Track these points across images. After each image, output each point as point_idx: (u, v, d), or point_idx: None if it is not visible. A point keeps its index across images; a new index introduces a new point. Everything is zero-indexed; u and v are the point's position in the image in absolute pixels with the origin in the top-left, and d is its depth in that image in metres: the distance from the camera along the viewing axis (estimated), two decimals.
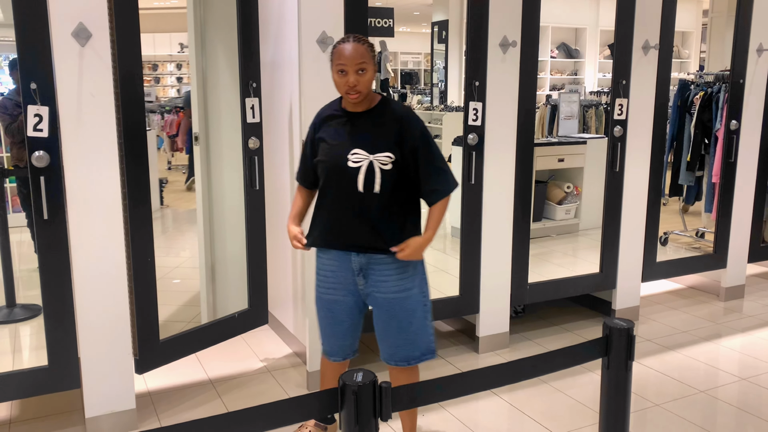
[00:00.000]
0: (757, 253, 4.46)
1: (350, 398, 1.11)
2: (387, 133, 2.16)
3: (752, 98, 4.08)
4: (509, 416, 2.86)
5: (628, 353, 1.40)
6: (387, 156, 2.13)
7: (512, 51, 3.24)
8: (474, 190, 3.30)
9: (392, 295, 2.24)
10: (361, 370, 1.16)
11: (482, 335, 3.45)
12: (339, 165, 2.17)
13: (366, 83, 2.12)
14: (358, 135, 2.17)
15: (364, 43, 2.14)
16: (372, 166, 2.13)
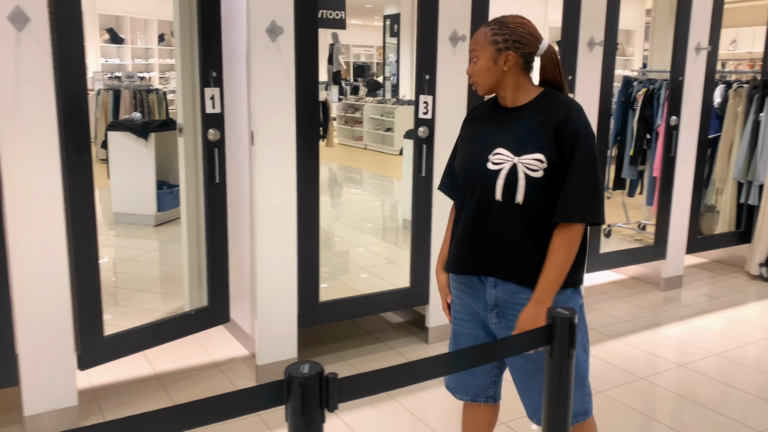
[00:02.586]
0: (695, 245, 4.64)
1: (296, 390, 1.10)
2: (541, 131, 1.71)
3: (691, 95, 4.23)
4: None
5: (570, 341, 1.44)
6: (537, 159, 1.69)
7: (462, 45, 3.27)
8: (425, 182, 3.33)
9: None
10: (308, 362, 1.15)
11: (432, 326, 3.49)
12: (476, 167, 1.77)
13: (479, 73, 1.76)
14: (503, 132, 1.77)
15: (490, 25, 1.77)
16: (515, 171, 1.71)
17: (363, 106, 8.69)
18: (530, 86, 1.78)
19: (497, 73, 1.74)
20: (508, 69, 1.74)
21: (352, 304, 3.26)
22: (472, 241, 1.80)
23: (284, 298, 3.02)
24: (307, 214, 3.02)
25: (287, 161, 2.92)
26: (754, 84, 4.74)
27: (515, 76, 1.75)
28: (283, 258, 2.98)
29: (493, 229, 1.76)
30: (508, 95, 1.78)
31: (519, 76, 1.76)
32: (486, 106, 1.89)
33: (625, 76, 5.12)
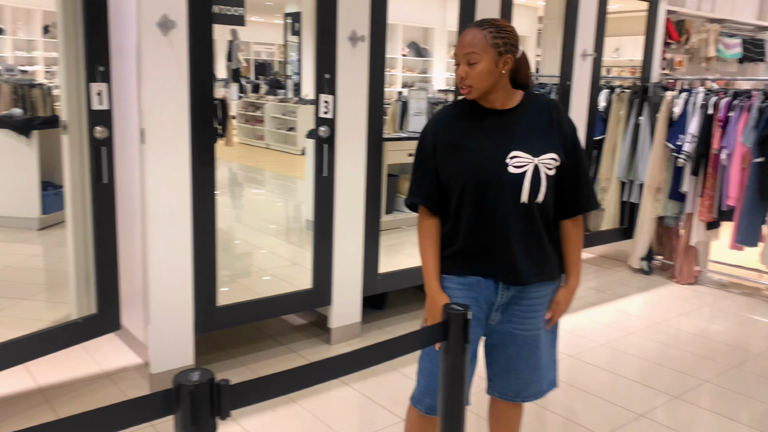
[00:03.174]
0: (584, 241, 4.90)
1: (185, 398, 1.06)
2: (547, 130, 1.80)
3: (578, 99, 4.47)
4: (360, 405, 2.91)
5: (464, 337, 1.47)
6: (553, 158, 1.78)
7: (361, 45, 3.28)
8: (326, 182, 3.31)
9: (537, 331, 1.91)
10: (198, 369, 1.11)
11: (334, 326, 3.48)
12: (494, 173, 1.76)
13: (477, 77, 1.73)
14: (513, 134, 1.78)
15: (486, 27, 1.74)
16: (538, 171, 1.76)
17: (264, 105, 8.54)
18: (513, 89, 1.83)
19: (495, 76, 1.75)
20: (505, 72, 1.76)
21: (252, 308, 3.19)
22: (492, 246, 1.80)
23: (179, 302, 2.91)
24: (203, 216, 2.92)
25: (181, 160, 2.81)
26: (635, 89, 5.06)
27: (506, 79, 1.79)
28: (177, 261, 2.87)
29: (518, 233, 1.79)
30: (499, 98, 1.80)
31: (507, 79, 1.80)
32: (460, 108, 1.86)
33: None
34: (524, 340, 1.90)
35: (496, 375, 2.00)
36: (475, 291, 1.86)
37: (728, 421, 2.85)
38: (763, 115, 4.25)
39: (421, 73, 9.71)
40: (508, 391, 2.00)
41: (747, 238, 4.41)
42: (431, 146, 1.84)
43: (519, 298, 1.86)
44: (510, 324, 1.89)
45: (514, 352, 1.92)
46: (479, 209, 1.79)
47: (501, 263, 1.82)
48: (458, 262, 1.86)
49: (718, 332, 3.91)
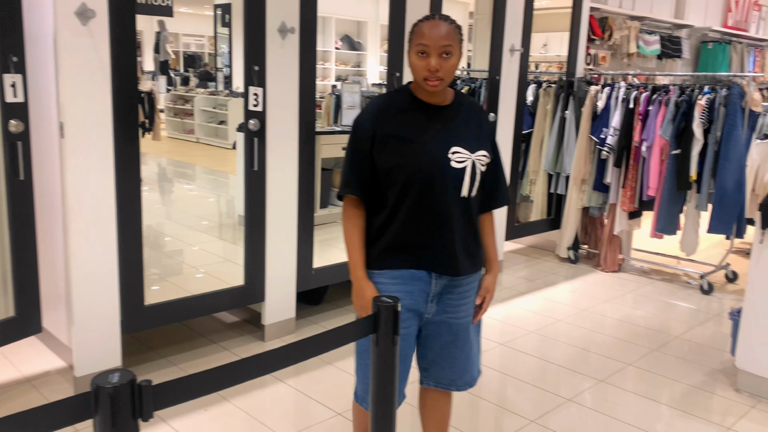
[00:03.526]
0: (513, 232, 5.03)
1: (105, 401, 1.02)
2: (479, 130, 1.88)
3: (506, 93, 4.56)
4: (295, 401, 2.89)
5: (394, 328, 1.48)
6: (484, 155, 1.86)
7: (291, 37, 3.24)
8: (257, 176, 3.26)
9: (469, 318, 1.99)
10: (118, 371, 1.07)
11: (268, 323, 3.43)
12: (437, 167, 1.79)
13: (449, 70, 1.76)
14: (453, 130, 1.83)
15: (452, 23, 1.78)
16: (474, 167, 1.83)
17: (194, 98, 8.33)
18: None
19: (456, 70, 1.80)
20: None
21: (182, 306, 3.12)
22: (437, 240, 1.84)
23: (104, 302, 2.80)
24: (128, 212, 2.83)
25: (103, 155, 2.71)
26: (561, 84, 5.22)
27: None
28: (101, 260, 2.77)
29: (456, 225, 1.84)
30: (441, 94, 1.84)
31: None
32: (397, 100, 1.86)
33: None
34: (458, 328, 1.96)
35: (432, 365, 2.03)
36: (409, 284, 1.87)
37: (650, 402, 2.99)
38: (679, 109, 4.46)
39: (355, 67, 9.69)
40: (444, 380, 2.04)
41: (666, 226, 4.62)
42: (369, 136, 1.83)
43: (451, 287, 1.91)
44: (445, 314, 1.93)
45: (450, 340, 1.96)
46: (421, 202, 1.81)
47: (439, 255, 1.85)
48: (391, 255, 1.86)
49: (640, 317, 4.09)
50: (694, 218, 4.65)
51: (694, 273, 4.91)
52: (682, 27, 7.29)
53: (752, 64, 8.38)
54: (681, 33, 7.25)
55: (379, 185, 1.86)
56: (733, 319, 3.31)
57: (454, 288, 1.92)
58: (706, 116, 4.36)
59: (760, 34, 8.90)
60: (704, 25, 7.76)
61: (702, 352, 3.59)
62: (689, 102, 4.45)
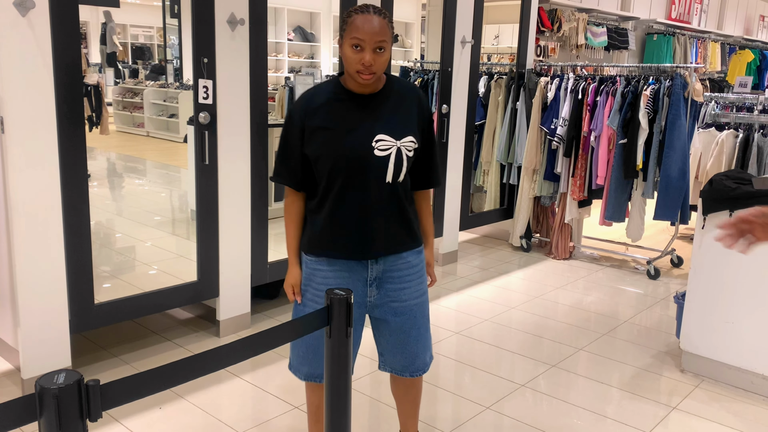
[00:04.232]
0: (467, 222, 5.09)
1: (50, 402, 1.00)
2: (408, 116, 1.92)
3: (458, 85, 4.60)
4: (252, 396, 2.87)
5: (347, 321, 1.49)
6: (412, 141, 1.90)
7: (241, 29, 3.20)
8: (209, 170, 3.22)
9: (414, 301, 2.02)
10: (64, 371, 1.05)
11: (223, 318, 3.40)
12: (361, 155, 1.85)
13: (383, 64, 1.81)
14: (378, 119, 1.88)
15: (385, 17, 1.81)
16: (400, 154, 1.88)
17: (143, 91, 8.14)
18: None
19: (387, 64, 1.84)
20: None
21: (134, 303, 3.06)
22: (359, 225, 1.89)
23: (52, 302, 2.73)
24: (75, 209, 2.75)
25: (47, 150, 2.63)
26: (512, 76, 5.29)
27: None
28: (47, 258, 2.69)
29: (384, 210, 1.90)
30: (373, 83, 1.88)
31: None
32: (326, 92, 1.90)
33: (402, 67, 5.41)
34: (403, 310, 2.00)
35: (385, 351, 2.10)
36: (346, 271, 1.95)
37: (600, 385, 3.08)
38: (625, 99, 4.58)
39: (309, 58, 9.62)
40: (397, 366, 2.10)
41: (614, 214, 4.75)
42: (299, 128, 1.90)
43: (390, 271, 1.97)
44: (387, 297, 1.99)
45: (397, 325, 2.02)
46: (346, 189, 1.87)
47: (365, 240, 1.91)
48: (323, 241, 1.94)
49: (590, 303, 4.20)
50: (640, 206, 4.79)
51: (641, 259, 5.06)
52: (628, 19, 7.47)
53: (695, 55, 8.65)
54: (627, 25, 7.43)
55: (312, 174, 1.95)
56: (677, 302, 3.44)
57: (393, 271, 1.97)
58: (651, 106, 4.49)
59: (701, 26, 9.20)
60: (649, 17, 7.97)
61: (649, 335, 3.71)
62: (635, 92, 4.57)
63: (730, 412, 2.86)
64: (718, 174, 3.20)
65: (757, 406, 2.90)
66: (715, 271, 3.07)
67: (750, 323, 2.98)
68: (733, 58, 9.61)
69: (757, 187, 2.94)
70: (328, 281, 1.95)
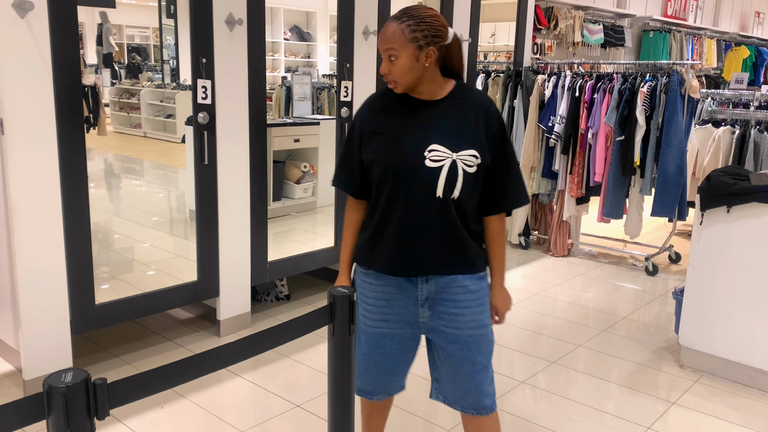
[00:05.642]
0: None
1: (58, 401, 1.01)
2: (472, 127, 1.74)
3: None
4: (253, 395, 2.88)
5: (351, 318, 1.49)
6: (473, 155, 1.72)
7: (239, 29, 3.21)
8: (208, 170, 3.22)
9: (468, 331, 1.82)
10: (72, 370, 1.06)
11: (223, 318, 3.41)
12: (411, 165, 1.70)
13: (399, 72, 1.69)
14: (435, 127, 1.73)
15: (404, 20, 1.68)
16: (455, 167, 1.71)
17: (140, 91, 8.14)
18: (443, 79, 1.77)
19: (419, 70, 1.69)
20: (429, 65, 1.70)
21: (134, 304, 3.06)
22: (405, 240, 1.75)
23: (53, 303, 2.73)
24: (75, 210, 2.76)
25: (47, 152, 2.63)
26: (508, 74, 5.30)
27: (433, 70, 1.73)
28: (48, 260, 2.69)
29: (431, 226, 1.74)
30: (425, 90, 1.75)
31: (435, 69, 1.73)
32: (390, 97, 1.80)
33: None
34: (455, 339, 1.82)
35: (439, 377, 1.94)
36: (394, 287, 1.82)
37: (600, 381, 3.10)
38: (623, 96, 4.60)
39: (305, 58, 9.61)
40: (450, 396, 1.93)
41: (612, 211, 4.77)
42: (358, 134, 1.82)
43: (443, 293, 1.81)
44: (441, 321, 1.82)
45: (449, 353, 1.85)
46: (394, 200, 1.75)
47: (406, 255, 1.77)
48: (369, 253, 1.83)
49: (589, 299, 4.22)
50: (638, 202, 4.80)
51: (639, 255, 5.08)
52: (624, 16, 7.48)
53: (691, 52, 8.68)
54: (623, 22, 7.45)
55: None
56: (676, 298, 3.45)
57: (445, 294, 1.81)
58: (648, 103, 4.50)
59: (697, 23, 9.22)
60: (645, 14, 7.99)
61: (648, 331, 3.73)
62: (632, 90, 4.58)
63: (729, 406, 2.87)
64: (715, 170, 3.21)
65: (755, 401, 2.92)
66: (713, 267, 3.08)
67: (748, 318, 3.00)
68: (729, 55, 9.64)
69: (754, 183, 2.96)
70: (377, 295, 1.84)
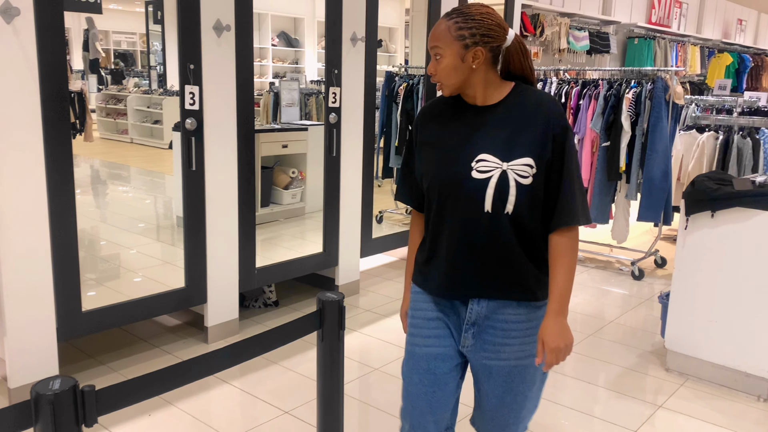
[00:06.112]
0: None
1: (46, 409, 1.00)
2: (526, 135, 1.55)
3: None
4: (241, 402, 2.87)
5: (340, 323, 1.50)
6: (527, 165, 1.53)
7: (227, 35, 3.21)
8: (196, 176, 3.22)
9: (514, 362, 1.64)
10: (60, 377, 1.06)
11: (211, 324, 3.39)
12: (456, 177, 1.55)
13: (443, 72, 1.55)
14: (486, 135, 1.56)
15: (453, 17, 1.54)
16: (505, 178, 1.53)
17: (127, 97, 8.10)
18: (500, 81, 1.60)
19: (465, 71, 1.54)
20: (477, 66, 1.54)
21: (121, 311, 3.04)
22: (458, 261, 1.59)
23: (39, 310, 2.71)
24: (61, 217, 2.74)
25: (34, 158, 2.62)
26: None
27: (484, 72, 1.56)
28: (34, 267, 2.67)
29: (480, 245, 1.57)
30: (477, 94, 1.58)
31: (488, 72, 1.57)
32: (445, 103, 1.66)
33: (387, 72, 5.44)
34: (499, 371, 1.65)
35: (477, 407, 1.78)
36: (442, 304, 1.67)
37: (588, 385, 3.12)
38: (608, 102, 4.64)
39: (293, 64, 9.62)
40: (484, 430, 1.78)
41: (599, 216, 4.80)
42: (413, 141, 1.71)
43: (491, 320, 1.62)
44: (484, 352, 1.65)
45: (490, 387, 1.68)
46: (442, 217, 1.61)
47: (452, 276, 1.61)
48: (418, 271, 1.71)
49: (577, 304, 4.25)
50: (624, 207, 4.85)
51: (625, 260, 5.12)
52: (609, 23, 7.56)
53: (675, 58, 8.78)
54: (609, 29, 7.52)
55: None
56: (662, 302, 3.48)
57: (493, 321, 1.62)
58: (633, 109, 4.55)
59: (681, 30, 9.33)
60: (630, 21, 8.08)
61: (634, 335, 3.76)
62: (617, 96, 4.63)
63: (715, 409, 2.90)
64: (699, 175, 3.25)
65: (740, 403, 2.95)
66: (698, 271, 3.12)
67: (732, 321, 3.03)
68: (713, 62, 9.77)
69: (737, 188, 3.00)
70: (425, 310, 1.69)
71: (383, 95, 5.31)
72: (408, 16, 8.08)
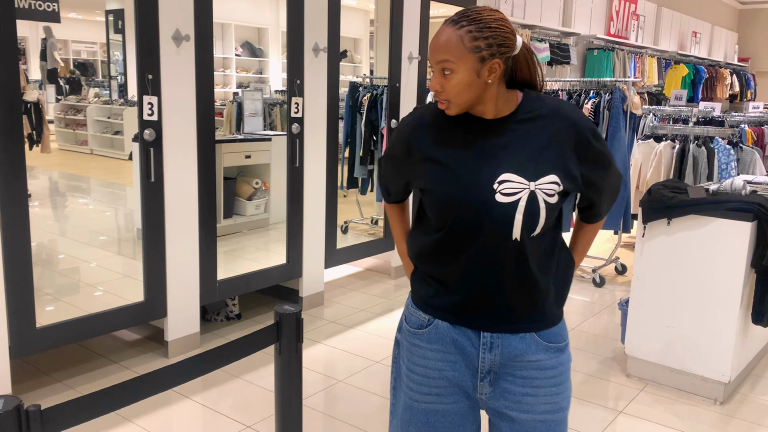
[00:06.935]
0: None
1: None
2: (551, 148, 1.38)
3: (407, 100, 4.66)
4: (203, 416, 2.82)
5: (298, 336, 1.48)
6: (553, 182, 1.36)
7: (186, 45, 3.18)
8: (155, 188, 3.16)
9: (541, 416, 1.44)
10: (3, 397, 1.02)
11: (171, 339, 3.33)
12: (478, 202, 1.34)
13: (454, 90, 1.33)
14: (505, 152, 1.36)
15: (464, 25, 1.30)
16: (534, 200, 1.34)
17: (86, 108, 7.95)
18: (509, 92, 1.40)
19: (480, 87, 1.34)
20: (492, 81, 1.34)
21: (78, 326, 2.97)
22: (476, 293, 1.40)
23: None
24: (13, 231, 2.67)
25: None
26: None
27: (497, 85, 1.36)
28: None
29: (504, 273, 1.38)
30: (489, 109, 1.38)
31: (501, 84, 1.38)
32: (441, 114, 1.43)
33: (351, 82, 5.45)
34: (523, 425, 1.45)
35: None
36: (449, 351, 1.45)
37: None
38: None
39: (257, 74, 9.57)
40: None
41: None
42: (403, 151, 1.47)
43: (509, 367, 1.43)
44: (504, 401, 1.45)
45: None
46: (456, 245, 1.39)
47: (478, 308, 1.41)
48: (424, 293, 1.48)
49: None
50: None
51: (587, 267, 5.20)
52: (569, 35, 7.71)
53: (633, 69, 8.99)
54: (569, 40, 7.67)
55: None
56: (621, 309, 3.54)
57: (513, 370, 1.43)
58: (592, 119, 4.64)
59: (639, 41, 9.56)
60: (589, 33, 8.25)
61: (596, 341, 3.81)
62: (577, 106, 4.71)
63: (673, 413, 2.95)
64: (656, 184, 3.33)
65: (698, 407, 3.01)
66: (656, 277, 3.18)
67: (689, 327, 3.10)
68: (669, 73, 10.04)
69: (692, 196, 3.07)
70: (427, 359, 1.46)
71: (347, 105, 5.31)
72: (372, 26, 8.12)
